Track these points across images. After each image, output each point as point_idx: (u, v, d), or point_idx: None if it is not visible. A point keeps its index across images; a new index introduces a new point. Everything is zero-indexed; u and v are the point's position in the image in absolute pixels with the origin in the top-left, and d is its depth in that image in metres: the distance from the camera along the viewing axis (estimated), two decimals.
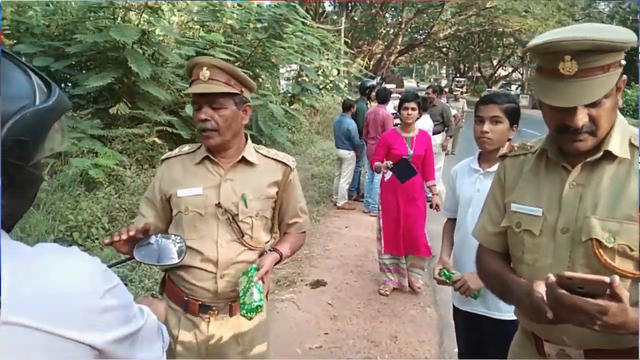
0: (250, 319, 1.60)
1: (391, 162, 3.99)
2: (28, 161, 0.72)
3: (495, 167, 2.19)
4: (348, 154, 7.09)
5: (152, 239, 1.54)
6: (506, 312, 2.17)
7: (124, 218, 4.83)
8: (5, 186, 0.70)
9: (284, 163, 1.81)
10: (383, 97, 6.90)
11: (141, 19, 6.44)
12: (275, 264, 1.71)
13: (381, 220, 4.38)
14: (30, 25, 6.51)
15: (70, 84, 6.70)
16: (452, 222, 2.48)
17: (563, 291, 1.04)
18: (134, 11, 6.62)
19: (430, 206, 4.13)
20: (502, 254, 1.48)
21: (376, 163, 4.21)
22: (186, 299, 1.72)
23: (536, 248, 1.32)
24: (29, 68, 0.75)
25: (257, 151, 1.80)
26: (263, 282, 1.60)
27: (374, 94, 7.70)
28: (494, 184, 1.53)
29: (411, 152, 4.10)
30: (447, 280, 2.22)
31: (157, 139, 6.23)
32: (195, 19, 8.99)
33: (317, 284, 4.48)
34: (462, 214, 2.33)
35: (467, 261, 2.20)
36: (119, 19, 6.51)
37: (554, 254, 1.28)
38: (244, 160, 1.74)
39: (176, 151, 1.83)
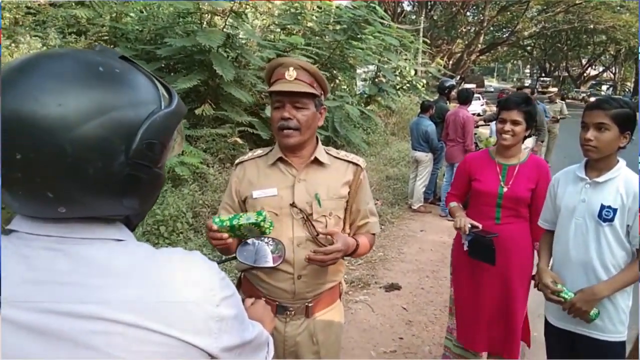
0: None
1: (470, 225, 2.49)
2: (157, 163, 0.76)
3: (604, 177, 2.00)
4: (425, 156, 6.95)
5: (250, 240, 1.55)
6: (610, 333, 2.01)
7: (207, 214, 5.04)
8: (136, 188, 0.74)
9: (354, 163, 1.83)
10: (465, 98, 6.72)
11: (226, 23, 6.70)
12: (346, 254, 1.70)
13: (452, 296, 2.93)
14: (126, 30, 7.00)
15: None
16: (550, 235, 2.26)
17: None
18: (219, 16, 6.90)
19: (535, 284, 2.30)
20: None
21: (450, 205, 2.79)
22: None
23: None
24: (151, 74, 0.79)
25: (327, 152, 1.83)
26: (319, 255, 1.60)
27: (453, 93, 7.51)
28: None
29: (503, 189, 2.56)
30: (563, 301, 2.01)
31: (238, 139, 6.46)
32: (277, 22, 9.23)
33: (392, 287, 4.44)
34: (564, 226, 2.12)
35: (569, 277, 2.07)
36: (205, 23, 6.81)
37: None
38: (316, 161, 1.77)
39: (249, 155, 1.88)
